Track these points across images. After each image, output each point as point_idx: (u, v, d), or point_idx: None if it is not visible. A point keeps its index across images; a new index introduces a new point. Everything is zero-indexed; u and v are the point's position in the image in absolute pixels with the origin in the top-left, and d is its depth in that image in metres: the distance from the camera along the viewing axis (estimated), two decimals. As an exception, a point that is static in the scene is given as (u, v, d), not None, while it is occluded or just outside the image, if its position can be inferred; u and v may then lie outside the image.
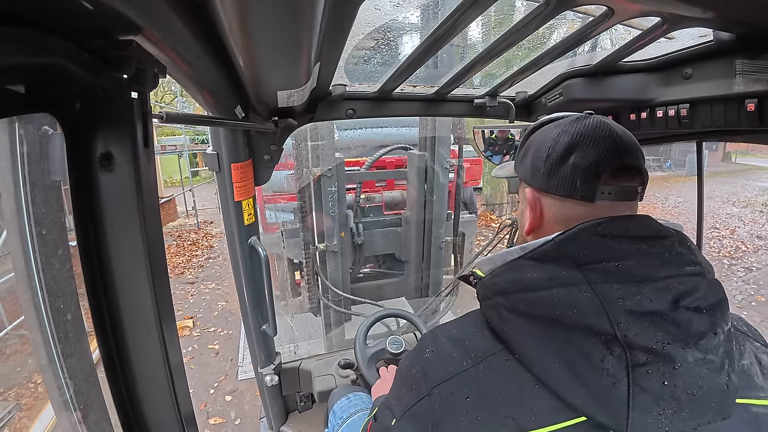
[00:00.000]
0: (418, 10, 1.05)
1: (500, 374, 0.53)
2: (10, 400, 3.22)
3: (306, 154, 2.80)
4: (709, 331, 0.51)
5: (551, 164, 0.62)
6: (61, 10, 0.42)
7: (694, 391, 0.48)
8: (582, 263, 0.54)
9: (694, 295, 0.52)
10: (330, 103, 1.30)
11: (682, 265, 0.54)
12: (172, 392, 0.69)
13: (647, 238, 0.56)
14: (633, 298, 0.51)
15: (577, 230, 0.57)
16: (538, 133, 0.67)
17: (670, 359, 0.48)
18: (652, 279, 0.52)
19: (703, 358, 0.50)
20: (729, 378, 0.50)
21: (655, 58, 1.08)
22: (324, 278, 2.94)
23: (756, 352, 0.60)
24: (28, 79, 0.44)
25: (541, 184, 0.65)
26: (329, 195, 2.79)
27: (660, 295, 0.51)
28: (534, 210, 0.67)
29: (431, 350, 0.61)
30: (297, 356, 1.90)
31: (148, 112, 0.58)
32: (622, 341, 0.48)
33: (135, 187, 0.58)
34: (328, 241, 2.86)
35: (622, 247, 0.55)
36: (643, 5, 0.73)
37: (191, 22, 0.56)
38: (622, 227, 0.57)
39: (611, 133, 0.61)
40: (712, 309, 0.53)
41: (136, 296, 0.63)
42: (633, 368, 0.48)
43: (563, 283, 0.53)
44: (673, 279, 0.52)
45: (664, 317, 0.50)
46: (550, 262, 0.56)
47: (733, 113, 0.93)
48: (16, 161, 0.84)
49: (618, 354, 0.48)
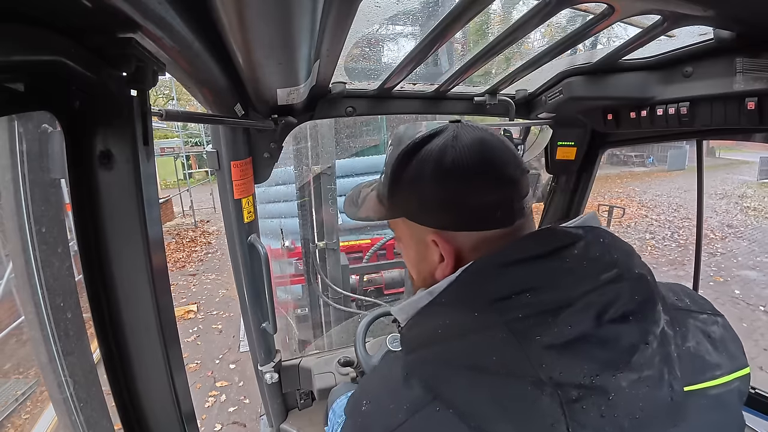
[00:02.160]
0: (418, 8, 1.05)
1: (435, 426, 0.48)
2: (30, 378, 3.65)
3: (306, 152, 2.80)
4: (640, 343, 0.48)
5: (441, 203, 0.57)
6: (60, 8, 0.42)
7: (637, 414, 0.46)
8: (493, 300, 0.50)
9: (617, 304, 0.48)
10: (330, 100, 1.29)
11: (597, 273, 0.50)
12: (172, 390, 0.69)
13: (553, 252, 0.52)
14: (551, 330, 0.47)
15: (478, 266, 0.53)
16: (417, 167, 0.59)
17: (603, 391, 0.45)
18: (568, 302, 0.48)
19: (639, 377, 0.46)
20: (672, 388, 0.48)
21: (656, 56, 1.08)
22: (324, 276, 2.95)
23: (703, 327, 0.56)
24: (27, 77, 0.44)
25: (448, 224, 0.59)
26: (329, 193, 2.79)
27: (580, 317, 0.47)
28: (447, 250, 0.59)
29: (367, 402, 0.56)
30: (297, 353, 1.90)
31: (148, 110, 0.58)
32: (548, 382, 0.45)
33: (135, 185, 0.58)
34: (328, 239, 2.86)
35: (528, 272, 0.51)
36: (643, 3, 0.73)
37: (190, 20, 0.56)
38: (524, 249, 0.53)
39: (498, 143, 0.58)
40: (640, 311, 0.49)
41: (136, 294, 0.63)
42: (567, 405, 0.45)
43: (477, 329, 0.50)
44: (590, 294, 0.48)
45: (589, 340, 0.47)
46: (459, 306, 0.53)
47: (733, 112, 0.93)
48: (15, 159, 0.83)
49: (549, 393, 0.45)
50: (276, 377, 1.65)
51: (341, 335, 3.06)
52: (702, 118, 1.01)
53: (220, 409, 4.09)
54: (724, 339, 0.57)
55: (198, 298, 6.77)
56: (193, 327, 5.78)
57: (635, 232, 9.11)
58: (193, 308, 6.33)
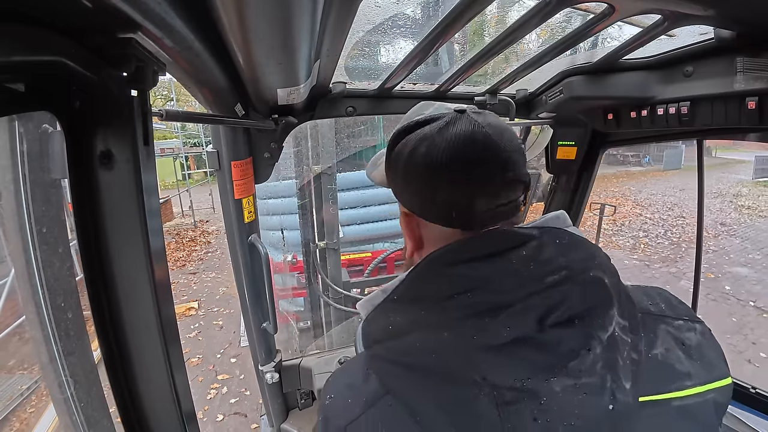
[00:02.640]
0: (419, 7, 1.05)
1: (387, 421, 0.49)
2: (34, 374, 3.73)
3: (306, 151, 2.80)
4: (582, 348, 0.46)
5: (422, 193, 0.57)
6: (60, 8, 0.42)
7: (572, 422, 0.45)
8: (438, 299, 0.50)
9: (561, 308, 0.47)
10: (330, 100, 1.29)
11: (542, 276, 0.49)
12: (172, 389, 0.69)
13: (500, 253, 0.51)
14: (487, 331, 0.47)
15: (425, 264, 0.53)
16: (403, 148, 0.58)
17: (534, 395, 0.45)
18: (508, 304, 0.47)
19: (575, 384, 0.45)
20: (613, 397, 0.46)
21: (656, 56, 1.08)
22: (324, 276, 2.95)
23: (676, 333, 0.54)
24: (28, 77, 0.44)
25: (412, 207, 0.59)
26: (329, 192, 2.79)
27: (520, 320, 0.47)
28: (413, 233, 0.61)
29: (330, 397, 0.57)
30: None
31: (148, 110, 0.58)
32: (483, 383, 0.45)
33: (135, 185, 0.58)
34: (329, 239, 2.86)
35: (471, 273, 0.50)
36: (644, 3, 0.73)
37: (191, 20, 0.56)
38: (472, 248, 0.52)
39: (484, 146, 0.54)
40: (588, 315, 0.48)
41: (137, 294, 0.63)
42: (501, 407, 0.45)
43: (423, 327, 0.50)
44: (533, 297, 0.47)
45: (527, 343, 0.46)
46: (409, 303, 0.53)
47: (733, 111, 0.93)
48: (16, 159, 0.84)
49: (486, 394, 0.45)
50: (276, 377, 1.65)
51: (342, 335, 3.06)
52: (702, 117, 1.01)
53: (221, 400, 4.22)
54: (701, 347, 0.54)
55: (199, 295, 6.87)
56: (195, 323, 5.90)
57: (629, 231, 9.19)
58: (194, 305, 6.43)
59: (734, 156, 18.24)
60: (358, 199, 4.24)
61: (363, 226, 4.26)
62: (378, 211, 4.29)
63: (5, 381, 3.73)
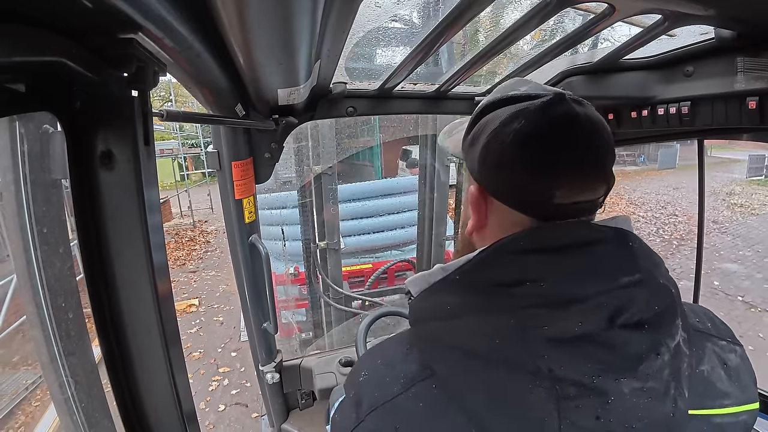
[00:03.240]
0: (419, 8, 1.05)
1: (428, 404, 0.48)
2: (38, 370, 3.76)
3: (306, 151, 2.81)
4: (651, 352, 0.46)
5: (502, 168, 0.53)
6: (60, 9, 0.42)
7: (633, 424, 0.44)
8: (505, 285, 0.48)
9: (631, 310, 0.46)
10: (331, 101, 1.29)
11: (616, 276, 0.47)
12: (173, 389, 0.69)
13: (573, 247, 0.49)
14: (559, 323, 0.45)
15: (496, 247, 0.51)
16: (493, 119, 0.55)
17: (602, 392, 0.44)
18: (580, 298, 0.46)
19: (642, 387, 0.45)
20: (675, 404, 0.45)
21: (657, 56, 1.08)
22: (325, 276, 2.95)
23: (720, 353, 0.54)
24: (28, 78, 0.44)
25: (489, 187, 0.56)
26: (329, 193, 2.79)
27: (590, 317, 0.45)
28: (479, 210, 0.58)
29: (365, 374, 0.56)
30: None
31: (149, 111, 0.58)
32: (547, 374, 0.44)
33: (135, 186, 0.58)
34: (329, 239, 2.86)
35: (544, 263, 0.49)
36: (644, 2, 0.73)
37: (191, 20, 0.56)
38: (546, 239, 0.50)
39: (581, 135, 0.52)
40: (656, 322, 0.47)
41: (137, 294, 0.63)
42: (562, 402, 0.43)
43: (485, 311, 0.49)
44: (604, 295, 0.46)
45: (596, 341, 0.45)
46: (469, 286, 0.51)
47: (734, 111, 0.92)
48: (16, 160, 0.84)
49: (546, 386, 0.44)
50: (277, 377, 1.66)
51: (342, 335, 3.06)
52: (703, 117, 1.00)
53: (223, 392, 4.40)
54: (738, 369, 0.54)
55: (199, 293, 7.00)
56: (195, 320, 6.06)
57: (621, 229, 9.39)
58: (195, 302, 6.58)
59: (729, 155, 18.31)
60: (358, 211, 4.26)
61: (364, 237, 4.29)
62: (378, 222, 4.32)
63: (10, 377, 3.83)
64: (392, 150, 11.25)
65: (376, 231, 4.31)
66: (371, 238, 4.29)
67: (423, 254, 3.30)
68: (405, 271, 3.74)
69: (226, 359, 4.97)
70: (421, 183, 3.15)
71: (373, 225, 4.30)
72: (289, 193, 3.32)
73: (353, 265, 3.96)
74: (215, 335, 5.56)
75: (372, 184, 4.70)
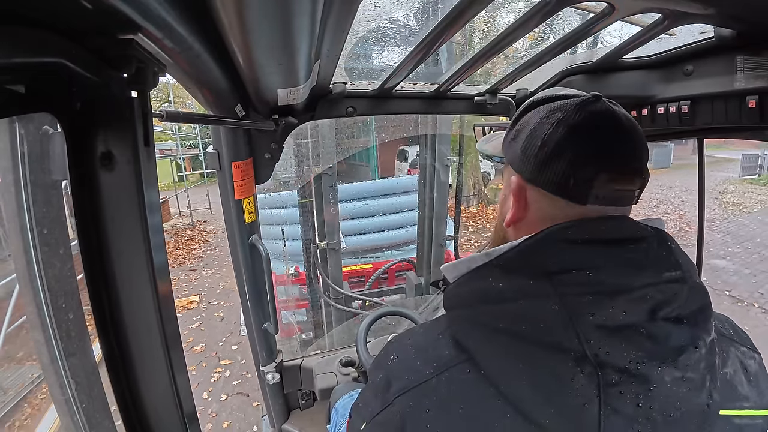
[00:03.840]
0: (418, 8, 1.05)
1: (462, 387, 0.49)
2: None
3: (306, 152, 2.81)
4: (690, 345, 0.47)
5: (544, 155, 0.55)
6: (60, 10, 0.42)
7: (672, 413, 0.45)
8: (551, 272, 0.50)
9: (673, 304, 0.48)
10: (330, 101, 1.29)
11: (660, 270, 0.49)
12: (174, 390, 0.69)
13: (621, 241, 0.51)
14: (605, 311, 0.47)
15: (544, 235, 0.52)
16: (535, 114, 0.59)
17: (645, 379, 0.45)
18: (627, 289, 0.48)
19: (682, 376, 0.46)
20: (710, 396, 0.47)
21: (656, 55, 1.08)
22: (325, 276, 2.95)
23: (742, 358, 0.56)
24: (28, 79, 0.44)
25: (530, 175, 0.58)
26: (329, 193, 2.79)
27: (635, 307, 0.47)
28: (519, 201, 0.60)
29: (395, 357, 0.57)
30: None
31: (149, 111, 0.58)
32: (593, 360, 0.45)
33: (136, 186, 0.58)
34: (329, 239, 2.86)
35: (593, 253, 0.50)
36: (644, 1, 0.73)
37: (191, 21, 0.56)
38: (594, 230, 0.52)
39: (619, 129, 0.55)
40: (694, 318, 0.49)
41: (138, 295, 0.63)
42: (604, 388, 0.45)
43: (529, 295, 0.49)
44: (650, 288, 0.48)
45: (640, 331, 0.46)
46: (515, 272, 0.52)
47: (734, 110, 0.92)
48: (16, 161, 0.84)
49: (589, 372, 0.45)
50: (278, 377, 1.66)
51: (343, 335, 3.06)
52: (703, 116, 1.00)
53: (225, 382, 4.55)
54: (757, 375, 0.56)
55: (199, 290, 7.11)
56: (197, 315, 6.19)
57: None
58: (196, 299, 6.71)
59: (724, 154, 18.33)
60: (358, 211, 4.27)
61: (365, 237, 4.29)
62: (379, 222, 4.33)
63: (16, 371, 3.94)
64: (389, 150, 11.32)
65: (377, 231, 4.32)
66: (371, 238, 4.30)
67: (423, 254, 3.30)
68: (405, 271, 3.74)
69: (228, 352, 5.14)
70: (421, 183, 3.16)
71: (374, 225, 4.31)
72: (289, 193, 3.33)
73: (354, 265, 3.97)
74: (216, 330, 5.71)
75: (372, 183, 4.72)
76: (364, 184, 4.72)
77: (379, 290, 3.69)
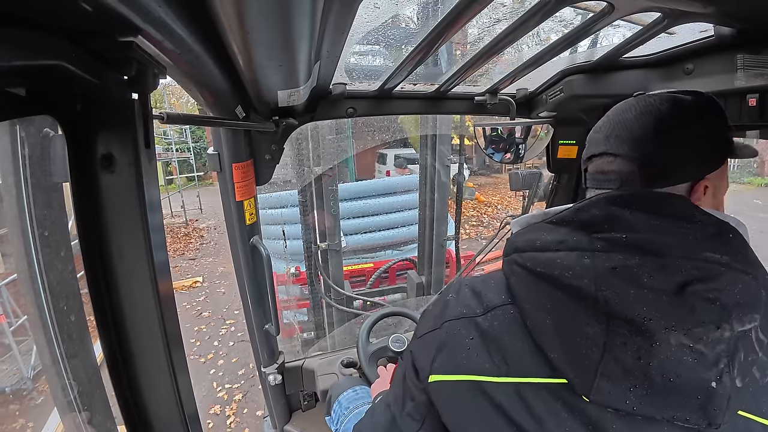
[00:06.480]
0: (418, 8, 1.05)
1: (502, 324, 0.57)
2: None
3: (307, 153, 2.81)
4: (711, 324, 0.46)
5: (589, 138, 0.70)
6: (60, 12, 0.42)
7: (671, 377, 0.46)
8: (593, 231, 0.54)
9: (709, 284, 0.47)
10: (331, 102, 1.29)
11: (702, 249, 0.49)
12: (175, 391, 0.69)
13: (673, 217, 0.52)
14: (630, 269, 0.49)
15: (596, 199, 0.57)
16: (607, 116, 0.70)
17: (649, 335, 0.47)
18: (659, 254, 0.49)
19: (690, 345, 0.46)
20: (720, 379, 0.46)
21: (656, 54, 1.08)
22: (326, 277, 2.95)
23: None
24: (28, 81, 0.44)
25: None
26: (330, 194, 2.79)
27: (663, 274, 0.48)
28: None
29: (453, 296, 0.66)
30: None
31: (149, 113, 0.58)
32: (603, 307, 0.49)
33: (136, 188, 0.58)
34: (330, 240, 2.86)
35: (636, 219, 0.52)
36: (643, 0, 0.73)
37: (191, 23, 0.56)
38: (648, 203, 0.54)
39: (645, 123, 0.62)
40: (731, 305, 0.47)
41: (139, 297, 0.63)
42: (609, 336, 0.48)
43: (569, 247, 0.54)
44: (685, 260, 0.48)
45: (659, 296, 0.47)
46: (563, 227, 0.58)
47: (734, 108, 0.92)
48: (17, 163, 0.84)
49: (601, 320, 0.49)
50: (279, 379, 1.65)
51: (344, 336, 3.06)
52: (703, 115, 1.00)
53: (231, 335, 5.70)
54: None
55: (201, 273, 8.16)
56: (201, 292, 7.28)
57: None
58: (199, 279, 7.78)
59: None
60: (359, 209, 4.27)
61: (366, 235, 4.30)
62: (380, 220, 4.33)
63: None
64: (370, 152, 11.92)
65: (378, 230, 4.33)
66: (372, 237, 4.30)
67: (424, 254, 3.30)
68: (406, 270, 3.74)
69: (231, 315, 6.23)
70: (421, 183, 3.16)
71: (374, 223, 4.32)
72: (290, 193, 3.32)
73: (354, 265, 3.97)
74: (220, 301, 6.81)
75: (373, 182, 4.71)
76: (365, 183, 4.73)
77: (380, 289, 3.69)
